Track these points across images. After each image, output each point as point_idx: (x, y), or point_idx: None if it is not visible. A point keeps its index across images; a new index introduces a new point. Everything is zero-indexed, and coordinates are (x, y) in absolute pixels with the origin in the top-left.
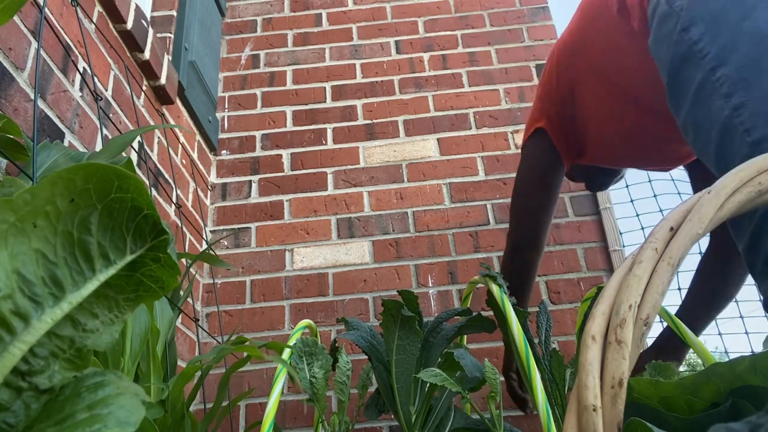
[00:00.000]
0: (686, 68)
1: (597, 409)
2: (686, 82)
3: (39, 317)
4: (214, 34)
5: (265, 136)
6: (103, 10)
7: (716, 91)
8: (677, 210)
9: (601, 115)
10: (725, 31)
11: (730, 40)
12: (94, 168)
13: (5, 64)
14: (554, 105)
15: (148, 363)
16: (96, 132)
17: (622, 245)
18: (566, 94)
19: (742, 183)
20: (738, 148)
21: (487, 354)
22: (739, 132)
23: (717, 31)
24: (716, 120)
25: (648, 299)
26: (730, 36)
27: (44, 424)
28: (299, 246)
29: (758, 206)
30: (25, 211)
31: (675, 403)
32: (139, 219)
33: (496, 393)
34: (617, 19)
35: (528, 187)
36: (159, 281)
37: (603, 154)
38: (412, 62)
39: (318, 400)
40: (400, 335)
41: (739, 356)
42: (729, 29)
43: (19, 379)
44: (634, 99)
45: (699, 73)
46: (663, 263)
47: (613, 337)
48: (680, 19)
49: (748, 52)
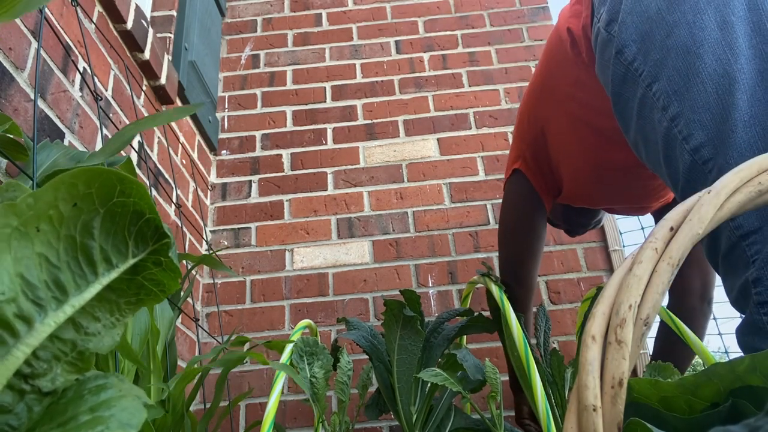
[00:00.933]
0: (627, 88)
1: (597, 409)
2: (629, 101)
3: (42, 320)
4: (214, 34)
5: (265, 136)
6: (103, 10)
7: (654, 105)
8: (677, 210)
9: (571, 150)
10: (654, 49)
11: (659, 57)
12: (97, 172)
13: (5, 64)
14: (528, 146)
15: (149, 363)
16: (96, 132)
17: (622, 245)
18: (538, 133)
19: (742, 183)
20: (680, 156)
21: (487, 354)
22: (678, 141)
23: (647, 50)
24: (659, 132)
25: (648, 299)
26: (659, 53)
27: (47, 427)
28: (299, 246)
29: (758, 206)
30: (29, 215)
31: (675, 403)
32: (141, 223)
33: (496, 393)
34: (571, 54)
35: (513, 231)
36: (160, 285)
37: (578, 192)
38: (412, 62)
39: (318, 400)
40: (401, 335)
41: (739, 356)
42: (657, 47)
43: (22, 381)
44: (596, 129)
45: (639, 91)
46: (663, 263)
47: (613, 337)
48: (615, 42)
49: (675, 65)
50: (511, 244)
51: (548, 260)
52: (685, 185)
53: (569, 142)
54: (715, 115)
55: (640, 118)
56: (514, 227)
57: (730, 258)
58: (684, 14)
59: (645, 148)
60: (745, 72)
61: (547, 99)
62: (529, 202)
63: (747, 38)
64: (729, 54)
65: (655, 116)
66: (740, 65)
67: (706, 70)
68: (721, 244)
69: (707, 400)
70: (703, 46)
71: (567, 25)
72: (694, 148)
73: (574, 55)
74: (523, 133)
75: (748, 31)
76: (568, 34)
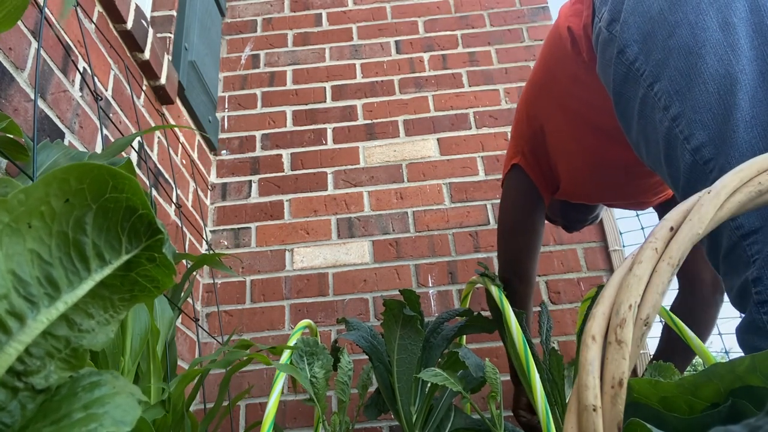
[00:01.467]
0: (628, 87)
1: (597, 409)
2: (630, 101)
3: (34, 317)
4: (214, 34)
5: (265, 136)
6: (103, 10)
7: (656, 105)
8: (677, 210)
9: (569, 148)
10: (656, 49)
11: (661, 57)
12: (89, 168)
13: (5, 64)
14: (527, 142)
15: (148, 363)
16: (96, 132)
17: (622, 245)
18: (536, 129)
19: (742, 183)
20: (681, 156)
21: (487, 354)
22: (679, 141)
23: (649, 50)
24: (660, 131)
25: (648, 299)
26: (661, 53)
27: (40, 424)
28: (299, 246)
29: (758, 206)
30: (20, 211)
31: (675, 403)
32: (134, 219)
33: (496, 393)
34: (571, 52)
35: (512, 226)
36: (154, 281)
37: (576, 189)
38: (412, 62)
39: (318, 400)
40: (401, 335)
41: (740, 356)
42: (659, 47)
43: (15, 379)
44: (595, 127)
45: (640, 90)
46: (663, 263)
47: (613, 337)
48: (617, 42)
49: (677, 65)
50: (511, 239)
51: (548, 260)
52: (686, 185)
53: (568, 140)
54: (717, 115)
55: (641, 117)
56: (513, 223)
57: (730, 257)
58: (686, 15)
59: (646, 148)
60: (746, 73)
61: (546, 96)
62: (529, 198)
63: (749, 39)
64: (731, 55)
65: (656, 116)
66: (742, 66)
67: (708, 70)
68: (722, 243)
69: (707, 400)
70: (705, 46)
71: (567, 24)
72: (696, 148)
73: (574, 54)
74: (521, 129)
75: (749, 33)
76: (569, 32)
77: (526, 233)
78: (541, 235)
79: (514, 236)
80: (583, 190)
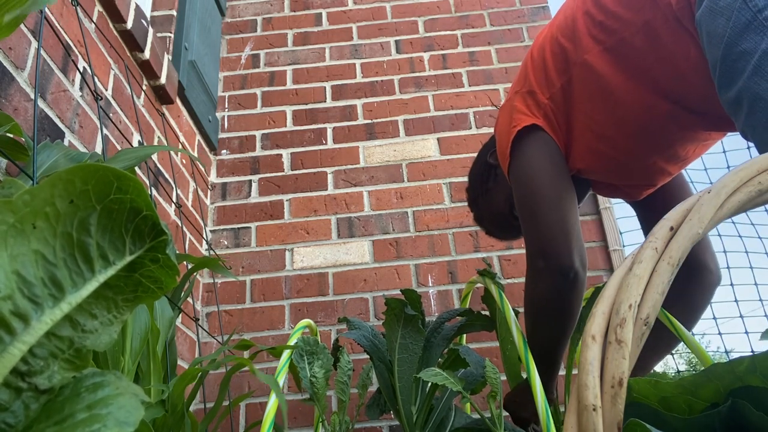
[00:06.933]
0: (748, 38)
1: (597, 408)
2: (746, 53)
3: (38, 318)
4: (214, 33)
5: (265, 136)
6: (103, 10)
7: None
8: (677, 209)
9: (607, 101)
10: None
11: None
12: (93, 169)
13: (5, 63)
14: (551, 98)
15: (149, 363)
16: (96, 132)
17: (622, 245)
18: (563, 83)
19: (742, 183)
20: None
21: (486, 353)
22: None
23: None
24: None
25: (648, 299)
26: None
27: (44, 424)
28: (299, 246)
29: (758, 206)
30: (25, 212)
31: (674, 403)
32: (138, 220)
33: (496, 393)
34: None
35: (573, 227)
36: (158, 282)
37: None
38: (412, 62)
39: (318, 399)
40: (402, 334)
41: (739, 356)
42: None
43: (18, 379)
44: (651, 80)
45: (763, 42)
46: (663, 263)
47: (613, 337)
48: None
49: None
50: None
51: None
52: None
53: (606, 90)
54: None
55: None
56: (573, 225)
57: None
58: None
59: (750, 106)
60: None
61: (594, 40)
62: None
63: None
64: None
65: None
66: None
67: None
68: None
69: (707, 401)
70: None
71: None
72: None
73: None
74: (540, 83)
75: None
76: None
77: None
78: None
79: (578, 240)
80: (595, 161)
